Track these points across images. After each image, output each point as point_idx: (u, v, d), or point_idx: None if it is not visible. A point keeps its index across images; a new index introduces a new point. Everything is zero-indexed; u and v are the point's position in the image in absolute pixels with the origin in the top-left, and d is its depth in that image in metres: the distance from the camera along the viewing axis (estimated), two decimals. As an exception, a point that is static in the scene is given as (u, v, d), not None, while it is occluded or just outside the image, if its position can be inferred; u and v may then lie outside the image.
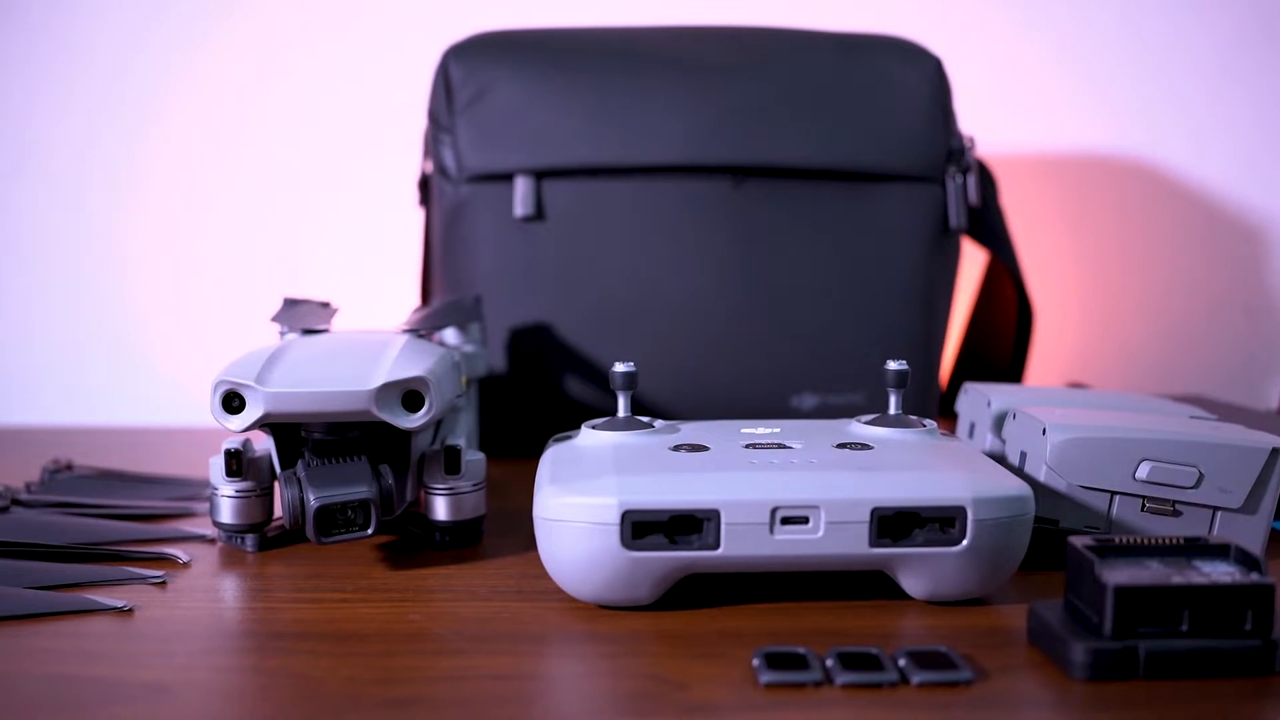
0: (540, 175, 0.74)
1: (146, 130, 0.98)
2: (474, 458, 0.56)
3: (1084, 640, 0.40)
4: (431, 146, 0.77)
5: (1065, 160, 1.05)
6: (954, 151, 0.78)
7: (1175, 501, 0.52)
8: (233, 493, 0.54)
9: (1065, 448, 0.52)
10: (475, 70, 0.75)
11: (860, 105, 0.76)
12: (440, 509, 0.55)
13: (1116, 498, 0.53)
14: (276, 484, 0.55)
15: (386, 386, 0.50)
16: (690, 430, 0.54)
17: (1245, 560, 0.42)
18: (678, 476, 0.46)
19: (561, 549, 0.46)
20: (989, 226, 0.85)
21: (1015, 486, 0.47)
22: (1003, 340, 0.92)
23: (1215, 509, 0.53)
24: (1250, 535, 0.53)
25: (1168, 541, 0.43)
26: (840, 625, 0.46)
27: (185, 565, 0.53)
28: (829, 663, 0.40)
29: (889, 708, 0.38)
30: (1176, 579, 0.40)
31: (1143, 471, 0.52)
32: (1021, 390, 0.65)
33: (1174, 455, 0.52)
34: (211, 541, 0.57)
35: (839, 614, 0.47)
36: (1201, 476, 0.52)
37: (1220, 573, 0.41)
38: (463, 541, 0.56)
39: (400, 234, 0.96)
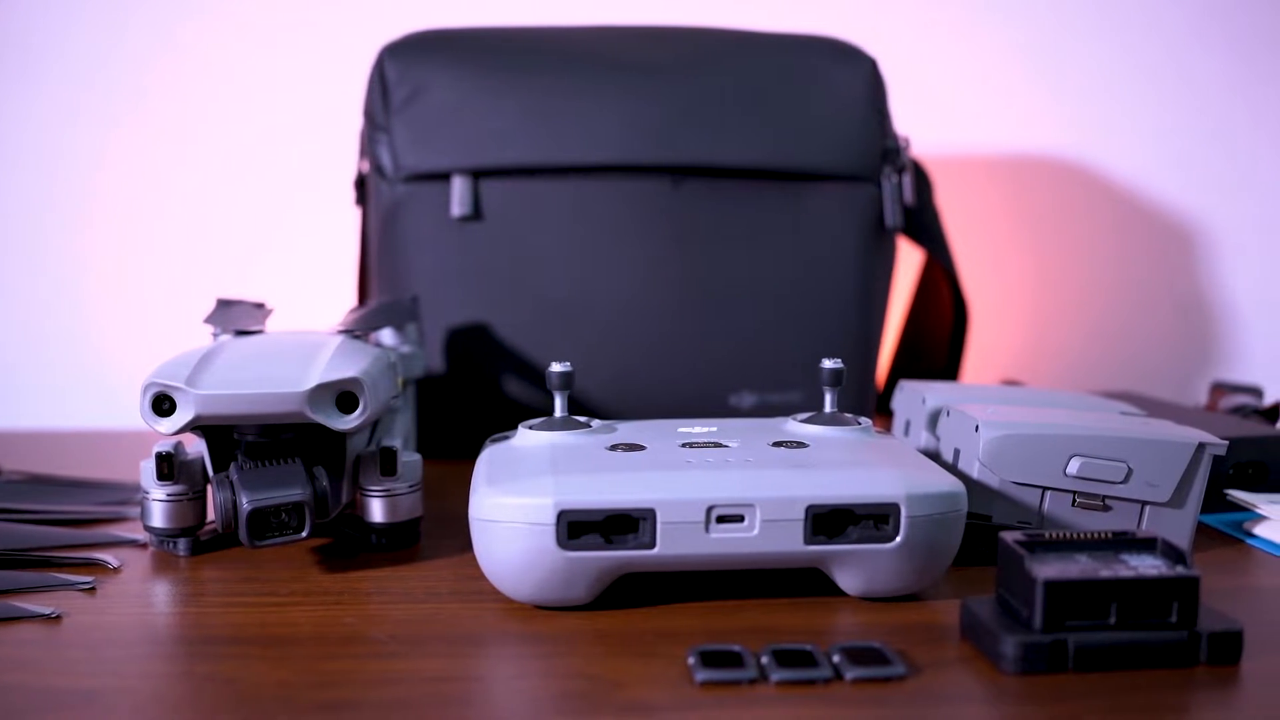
0: (477, 175, 0.74)
1: (74, 130, 0.97)
2: (410, 459, 0.55)
3: (1014, 634, 0.40)
4: (368, 146, 0.77)
5: (1000, 161, 1.06)
6: (889, 151, 0.79)
7: (1105, 496, 0.53)
8: (164, 496, 0.54)
9: (997, 444, 0.53)
10: (411, 69, 0.74)
11: (796, 106, 0.76)
12: (376, 511, 0.55)
13: (1048, 493, 0.53)
14: (209, 487, 0.54)
15: (320, 388, 0.49)
16: (627, 430, 0.54)
17: (1171, 553, 0.43)
18: (613, 476, 0.46)
19: (497, 550, 0.46)
20: (924, 226, 0.86)
21: (948, 483, 0.47)
22: (939, 338, 0.93)
23: (1144, 503, 0.53)
24: (1178, 528, 0.54)
25: (1096, 536, 0.44)
26: (776, 623, 0.46)
27: (115, 570, 0.52)
28: (764, 660, 0.41)
29: (823, 704, 0.38)
30: (1104, 572, 0.41)
31: (1073, 467, 0.53)
32: (956, 388, 0.66)
33: (1103, 451, 0.53)
34: (143, 546, 0.56)
35: (775, 612, 0.47)
36: (1130, 471, 0.53)
37: (1147, 566, 0.42)
38: (399, 543, 0.56)
39: (337, 234, 0.95)
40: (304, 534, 0.50)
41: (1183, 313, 1.10)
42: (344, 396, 0.50)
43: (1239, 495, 0.61)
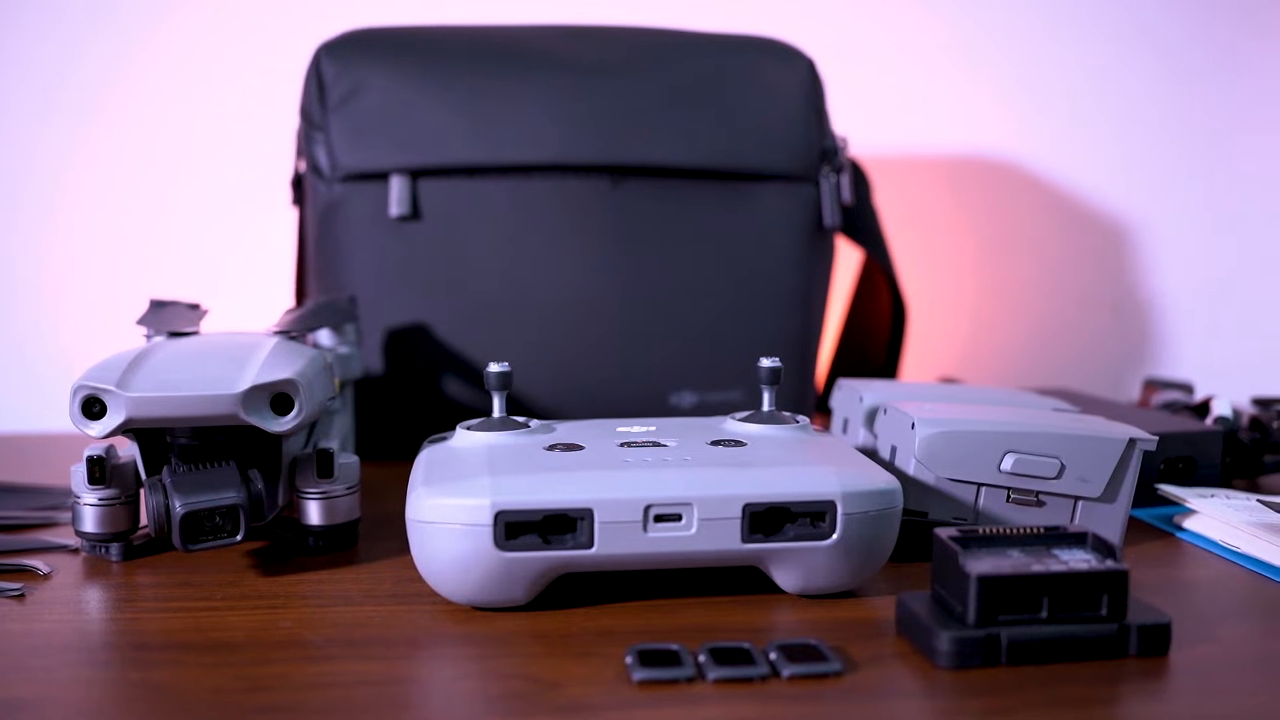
0: (416, 174, 0.73)
1: (4, 126, 0.95)
2: (347, 460, 0.55)
3: (949, 629, 0.41)
4: (304, 145, 0.76)
5: (939, 161, 1.07)
6: (827, 151, 0.80)
7: (1038, 492, 0.54)
8: (96, 501, 0.53)
9: (933, 441, 0.53)
10: (348, 68, 0.73)
11: (734, 106, 0.76)
12: (313, 513, 0.54)
13: (983, 489, 0.54)
14: (142, 491, 0.54)
15: (254, 389, 0.49)
16: (566, 430, 0.54)
17: (1102, 548, 0.44)
18: (551, 476, 0.46)
19: (435, 551, 0.46)
20: (863, 225, 0.87)
21: (883, 480, 0.48)
22: (878, 337, 0.93)
23: (1076, 498, 0.54)
24: (1109, 523, 0.54)
25: (1028, 531, 0.45)
26: (714, 621, 0.46)
27: (46, 577, 0.51)
28: (701, 659, 0.41)
29: (759, 701, 0.38)
30: (1036, 567, 0.42)
31: (1007, 463, 0.53)
32: (893, 386, 0.66)
33: (1036, 447, 0.53)
34: (74, 551, 0.55)
35: (713, 610, 0.47)
36: (1063, 467, 0.53)
37: (1078, 560, 0.43)
38: (337, 546, 0.55)
39: (273, 234, 0.94)
40: (239, 537, 0.49)
41: (1118, 312, 1.12)
42: (279, 398, 0.50)
43: (1169, 490, 0.62)
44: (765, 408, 0.55)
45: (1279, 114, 1.12)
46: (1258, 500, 0.56)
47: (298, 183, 0.80)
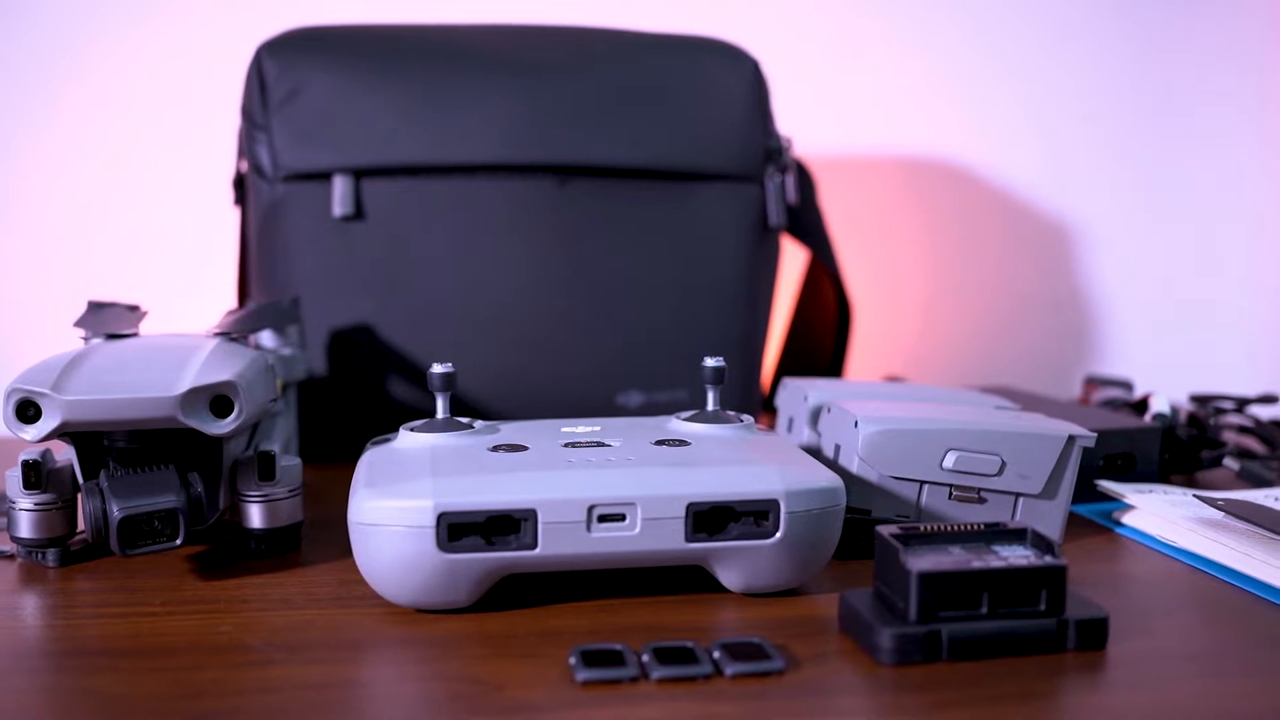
0: (359, 174, 0.73)
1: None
2: (290, 463, 0.54)
3: (890, 626, 0.41)
4: (246, 145, 0.75)
5: (885, 161, 1.08)
6: (772, 151, 0.80)
7: (980, 489, 0.54)
8: (31, 506, 0.52)
9: (876, 439, 0.53)
10: (290, 67, 0.73)
11: (679, 105, 0.77)
12: (255, 516, 0.54)
13: (925, 487, 0.54)
14: (79, 495, 0.53)
15: (193, 392, 0.48)
16: (510, 430, 0.54)
17: (1041, 543, 0.44)
18: (494, 477, 0.46)
19: (377, 554, 0.45)
20: (808, 225, 0.87)
21: (826, 478, 0.48)
22: (824, 336, 0.94)
23: (1017, 495, 0.55)
24: (1049, 519, 0.55)
25: (969, 528, 0.45)
26: (659, 620, 0.46)
27: (-20, 583, 0.51)
28: (645, 658, 0.41)
29: (703, 700, 0.38)
30: (976, 563, 0.42)
31: (949, 461, 0.54)
32: (838, 384, 0.67)
33: (977, 445, 0.54)
34: (10, 557, 0.54)
35: (658, 609, 0.47)
36: (1004, 464, 0.54)
37: (1017, 556, 0.43)
38: (279, 549, 0.55)
39: (215, 235, 0.93)
40: (178, 542, 0.48)
41: (1059, 310, 1.13)
42: (218, 400, 0.49)
43: (1108, 485, 0.63)
44: (710, 407, 0.55)
45: (1217, 117, 1.14)
46: (1194, 495, 0.57)
47: (239, 183, 0.79)
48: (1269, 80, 1.14)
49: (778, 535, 0.46)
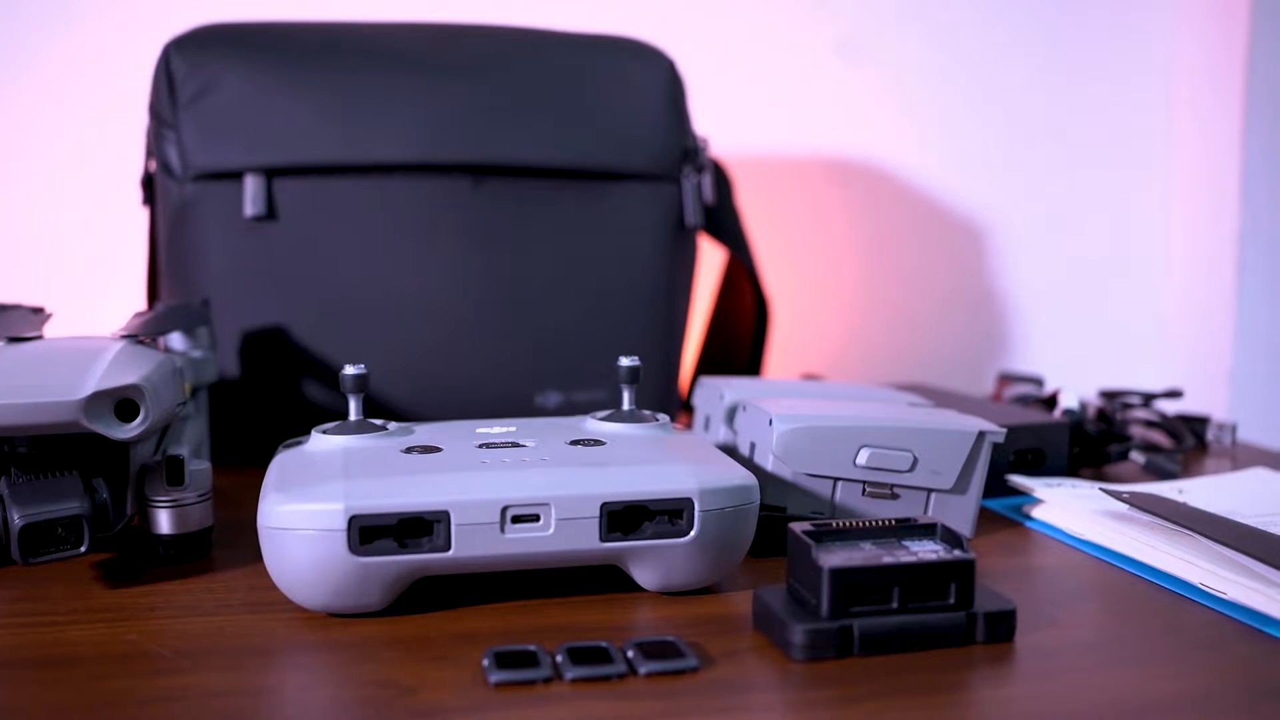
0: (271, 173, 0.72)
1: None
2: (199, 467, 0.54)
3: (802, 622, 0.42)
4: (154, 144, 0.74)
5: (802, 161, 1.09)
6: (689, 151, 0.80)
7: (893, 485, 0.55)
8: (-71, 514, 0.51)
9: (789, 437, 0.54)
10: (200, 64, 0.72)
11: (595, 105, 0.77)
12: (163, 522, 0.53)
13: (839, 484, 0.55)
14: (-20, 503, 0.52)
15: (97, 395, 0.47)
16: (424, 432, 0.53)
17: (950, 538, 0.45)
18: (406, 479, 0.45)
19: (288, 558, 0.45)
20: (725, 225, 0.88)
21: (740, 476, 0.48)
22: (742, 335, 0.94)
23: (929, 490, 0.56)
24: (961, 514, 0.56)
25: (880, 523, 0.45)
26: (574, 621, 0.46)
27: (-125, 595, 0.49)
28: (559, 659, 0.41)
29: (616, 699, 0.38)
30: (886, 559, 0.42)
31: (862, 457, 0.54)
32: (753, 383, 0.67)
33: (889, 441, 0.54)
34: (-93, 568, 0.53)
35: (574, 609, 0.47)
36: (916, 460, 0.55)
37: (927, 551, 0.44)
38: (189, 555, 0.54)
39: (123, 235, 0.91)
40: (83, 549, 0.47)
41: (975, 308, 1.15)
42: (123, 404, 0.48)
43: (1018, 480, 0.64)
44: (625, 406, 0.55)
45: (1125, 119, 1.17)
46: (1100, 489, 0.58)
47: (148, 182, 0.78)
48: (1174, 83, 1.17)
49: (692, 534, 0.47)
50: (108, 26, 0.93)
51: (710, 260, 1.02)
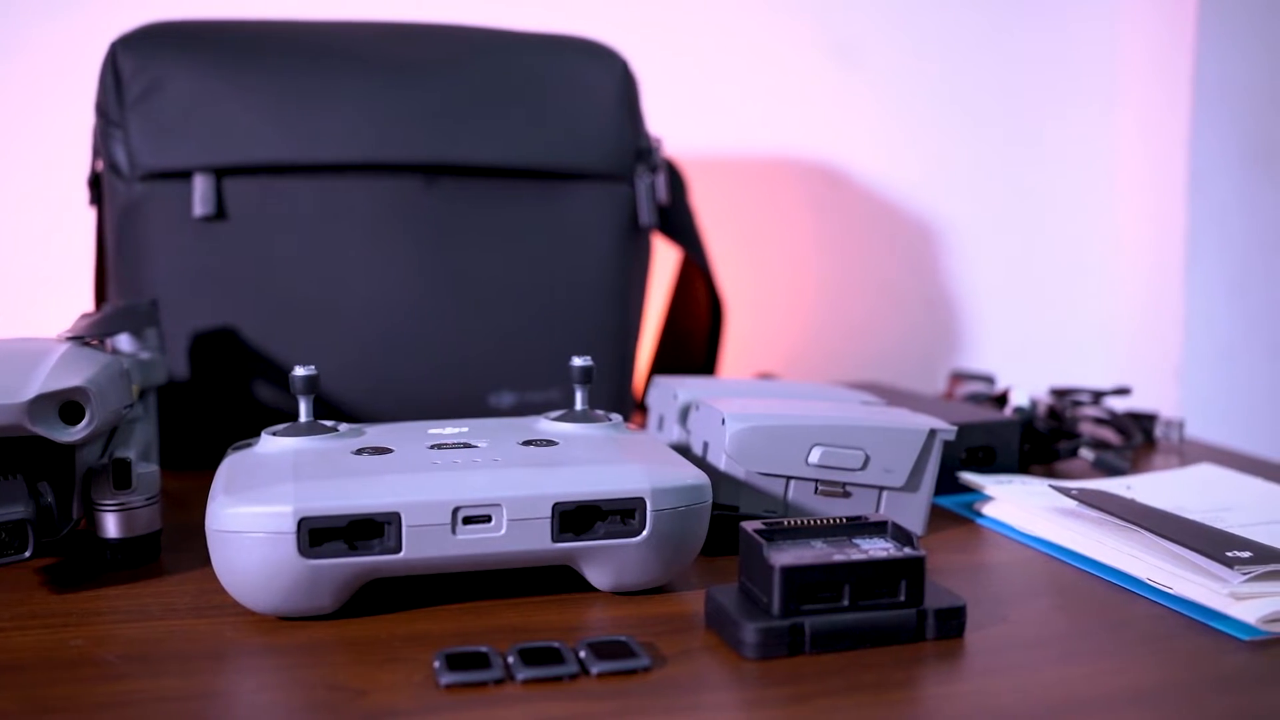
0: (220, 173, 0.71)
1: None
2: (147, 470, 0.53)
3: (754, 620, 0.42)
4: (102, 143, 0.73)
5: (757, 161, 1.09)
6: (642, 151, 0.80)
7: (845, 483, 0.55)
8: None
9: (742, 436, 0.54)
10: (147, 63, 0.71)
11: (548, 105, 0.76)
12: (110, 526, 0.52)
13: (792, 482, 0.55)
14: (-78, 508, 0.51)
15: (41, 398, 0.46)
16: (376, 433, 0.53)
17: (901, 536, 0.45)
18: (356, 481, 0.45)
19: (237, 561, 0.44)
20: (679, 224, 0.88)
21: (692, 476, 0.48)
22: (697, 335, 0.95)
23: (881, 489, 0.56)
24: (913, 512, 0.56)
25: (831, 521, 0.46)
26: (527, 621, 0.46)
27: None
28: (510, 660, 0.41)
29: (568, 699, 0.38)
30: (837, 556, 0.43)
31: (814, 456, 0.55)
32: (707, 382, 0.67)
33: (841, 440, 0.55)
34: None
35: (526, 610, 0.47)
36: (867, 458, 0.55)
37: (877, 548, 0.44)
38: (137, 560, 0.53)
39: (70, 236, 0.90)
40: (27, 554, 0.47)
41: (929, 307, 1.16)
42: (68, 407, 0.47)
43: (969, 477, 0.64)
44: (578, 407, 0.55)
45: (1075, 121, 1.18)
46: (1050, 485, 0.59)
47: (95, 182, 0.77)
48: (1121, 86, 1.19)
49: (644, 533, 0.47)
50: (52, 24, 0.92)
51: (665, 260, 1.02)
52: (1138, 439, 0.81)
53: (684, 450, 0.60)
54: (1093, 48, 1.18)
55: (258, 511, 0.43)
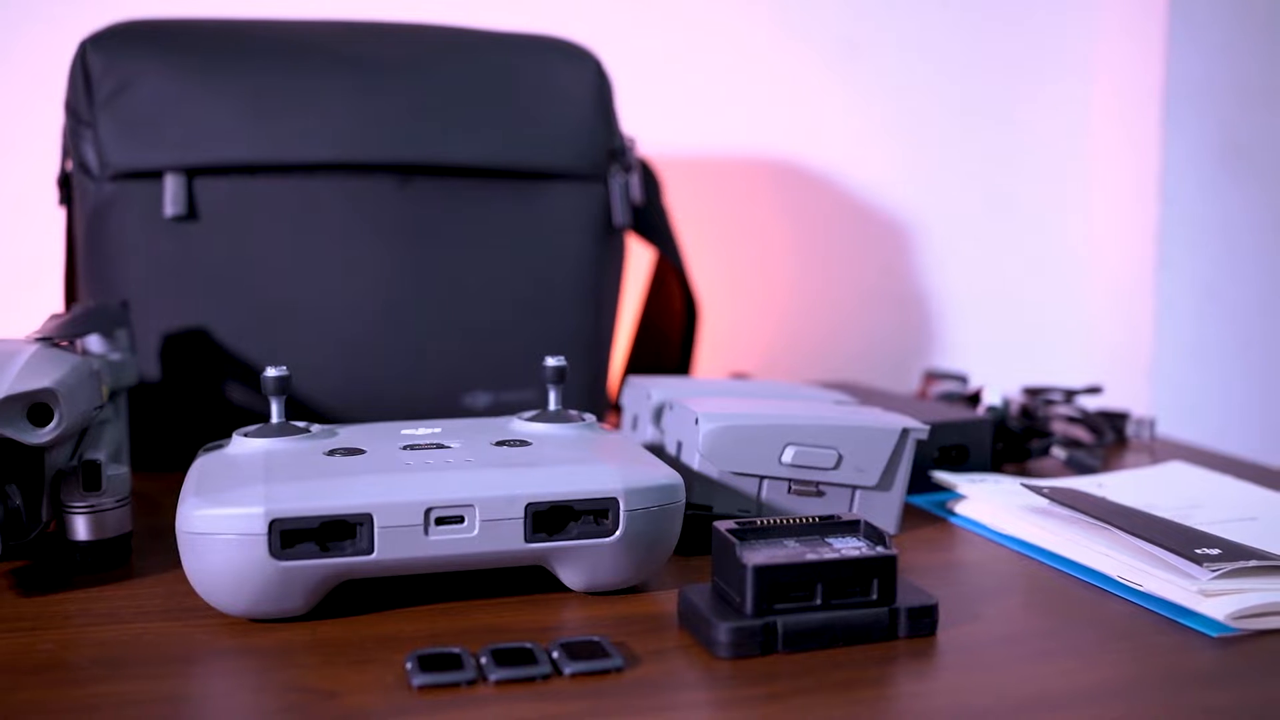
0: (192, 173, 0.71)
1: None
2: (117, 472, 0.53)
3: (727, 620, 0.42)
4: (71, 142, 0.72)
5: (731, 161, 1.09)
6: (616, 150, 0.80)
7: (818, 483, 0.56)
8: None
9: (715, 436, 0.54)
10: (117, 62, 0.70)
11: (522, 105, 0.76)
12: (80, 528, 0.52)
13: (765, 482, 0.55)
14: (-113, 511, 0.50)
15: (8, 400, 0.46)
16: (348, 434, 0.53)
17: (873, 534, 0.45)
18: (328, 482, 0.45)
19: (208, 563, 0.44)
20: (654, 224, 0.88)
21: (665, 476, 0.48)
22: (672, 335, 0.95)
23: (854, 488, 0.56)
24: (886, 511, 0.56)
25: (804, 521, 0.46)
26: (501, 622, 0.46)
27: None
28: (483, 661, 0.40)
29: (541, 700, 0.38)
30: (810, 556, 0.43)
31: (788, 456, 0.55)
32: (680, 382, 0.67)
33: (814, 439, 0.55)
34: None
35: (500, 611, 0.47)
36: (840, 458, 0.55)
37: (849, 547, 0.44)
38: (107, 562, 0.53)
39: (39, 236, 0.89)
40: (-5, 557, 0.46)
41: (902, 307, 1.16)
42: (36, 408, 0.47)
43: (942, 476, 0.64)
44: (552, 407, 0.55)
45: (1048, 121, 1.18)
46: (1022, 484, 0.59)
47: (65, 181, 0.76)
48: (1093, 83, 1.19)
49: (617, 533, 0.47)
50: (22, 21, 0.91)
51: (639, 260, 1.02)
52: (1109, 437, 0.81)
53: (658, 450, 0.60)
54: (1065, 49, 1.18)
55: (228, 513, 0.43)
